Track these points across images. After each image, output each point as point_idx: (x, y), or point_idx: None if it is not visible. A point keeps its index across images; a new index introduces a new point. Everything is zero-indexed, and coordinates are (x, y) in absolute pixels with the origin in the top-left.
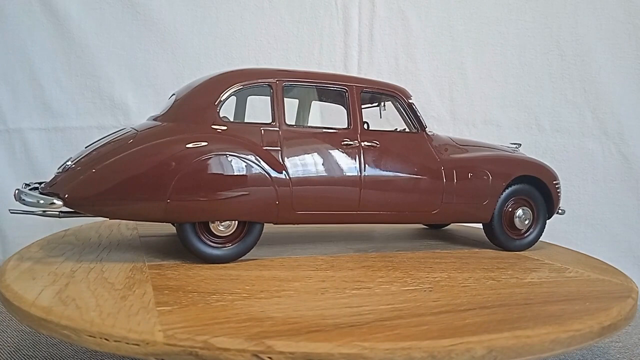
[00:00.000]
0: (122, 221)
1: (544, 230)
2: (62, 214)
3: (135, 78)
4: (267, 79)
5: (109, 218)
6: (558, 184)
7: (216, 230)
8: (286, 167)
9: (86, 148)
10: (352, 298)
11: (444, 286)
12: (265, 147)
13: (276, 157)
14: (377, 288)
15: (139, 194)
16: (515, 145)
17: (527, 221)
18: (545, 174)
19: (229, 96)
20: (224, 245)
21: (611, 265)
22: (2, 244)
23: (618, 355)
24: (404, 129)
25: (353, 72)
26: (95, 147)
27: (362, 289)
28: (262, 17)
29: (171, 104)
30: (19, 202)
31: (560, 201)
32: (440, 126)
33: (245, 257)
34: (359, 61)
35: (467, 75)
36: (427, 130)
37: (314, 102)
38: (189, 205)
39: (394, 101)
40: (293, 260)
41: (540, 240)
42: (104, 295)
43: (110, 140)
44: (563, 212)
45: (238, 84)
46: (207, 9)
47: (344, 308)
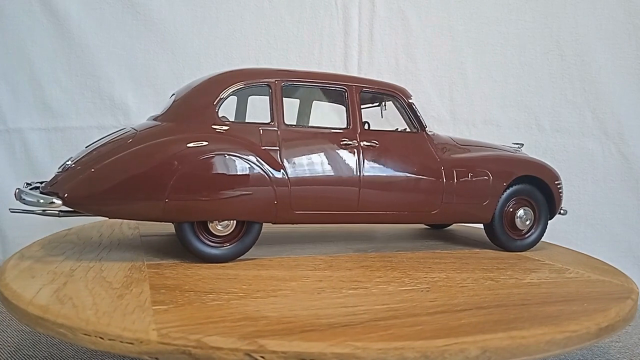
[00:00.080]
0: (124, 220)
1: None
2: (62, 213)
3: (135, 78)
4: (266, 78)
5: (108, 217)
6: (560, 184)
7: (214, 230)
8: (285, 167)
9: (86, 148)
10: (348, 298)
11: (441, 286)
12: (264, 147)
13: (275, 157)
14: (374, 288)
15: (138, 193)
16: (517, 145)
17: (529, 221)
18: (547, 174)
19: (227, 96)
20: (223, 244)
21: (612, 266)
22: (2, 244)
23: (618, 355)
24: (404, 129)
25: (353, 72)
26: (95, 146)
27: (359, 289)
28: (262, 17)
29: (170, 104)
30: (19, 201)
31: (562, 201)
32: (440, 126)
33: (244, 257)
34: (359, 61)
35: (467, 75)
36: (427, 130)
37: (315, 102)
38: (187, 205)
39: (394, 101)
40: (292, 260)
41: (542, 241)
42: (101, 294)
43: (110, 140)
44: (565, 212)
45: (237, 84)
46: (207, 9)
47: (339, 308)
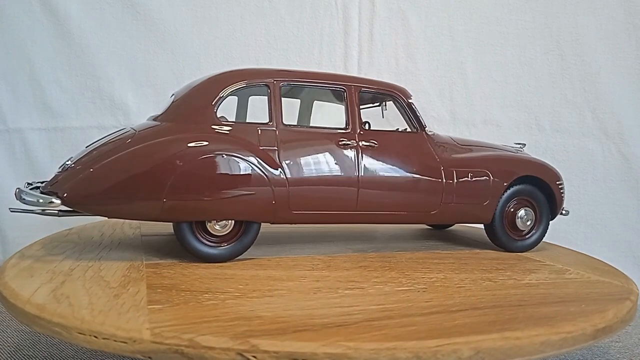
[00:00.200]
0: (127, 220)
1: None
2: (61, 213)
3: (135, 78)
4: (265, 79)
5: (107, 217)
6: (561, 185)
7: (212, 230)
8: (283, 167)
9: (86, 148)
10: (344, 298)
11: (438, 287)
12: (262, 147)
13: (273, 156)
14: (371, 288)
15: (136, 193)
16: (519, 146)
17: (530, 222)
18: (548, 174)
19: (226, 96)
20: (221, 244)
21: (613, 267)
22: (2, 244)
23: (618, 355)
24: (405, 129)
25: (353, 72)
26: (94, 146)
27: (355, 289)
28: (262, 17)
29: (170, 104)
30: (19, 200)
31: (564, 202)
32: (440, 126)
33: (243, 256)
34: (359, 61)
35: (467, 75)
36: (427, 130)
37: (317, 102)
38: (185, 205)
39: (394, 101)
40: (291, 259)
41: (544, 241)
42: (98, 293)
43: (110, 140)
44: (567, 212)
45: (235, 84)
46: (207, 9)
47: (334, 308)
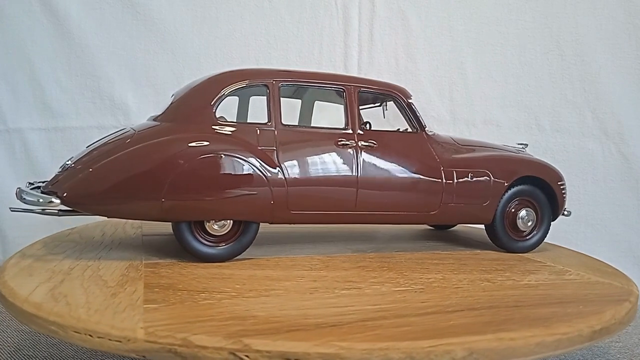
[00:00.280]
0: (128, 220)
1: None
2: (61, 212)
3: (135, 78)
4: (264, 79)
5: (107, 217)
6: (563, 185)
7: (211, 229)
8: (281, 167)
9: (87, 148)
10: (340, 298)
11: (436, 287)
12: (261, 147)
13: (271, 157)
14: (368, 288)
15: (135, 193)
16: (521, 146)
17: (531, 222)
18: (550, 174)
19: (225, 96)
20: (219, 244)
21: (615, 268)
22: (2, 244)
23: (618, 355)
24: (405, 129)
25: (353, 72)
26: (94, 146)
27: (352, 289)
28: (262, 17)
29: (169, 104)
30: (20, 200)
31: (566, 202)
32: (440, 126)
33: (241, 256)
34: (359, 61)
35: (467, 75)
36: (427, 130)
37: (318, 102)
38: (183, 205)
39: (393, 101)
40: (289, 259)
41: (546, 242)
42: (95, 292)
43: (109, 140)
44: (569, 213)
45: (234, 84)
46: (207, 9)
47: (329, 308)
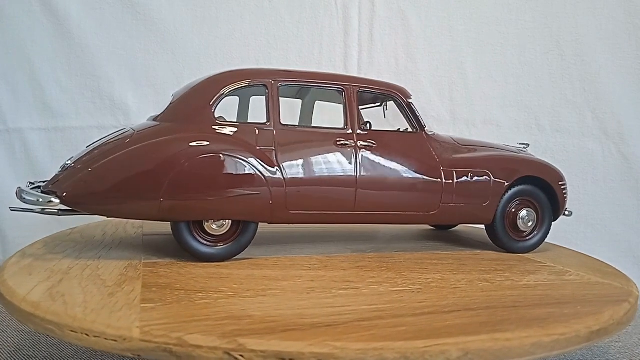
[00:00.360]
0: (130, 220)
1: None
2: (61, 212)
3: (135, 78)
4: (263, 79)
5: (106, 216)
6: (564, 185)
7: (210, 229)
8: (280, 167)
9: (87, 147)
10: (337, 298)
11: (433, 287)
12: (260, 147)
13: (270, 157)
14: (365, 288)
15: (134, 193)
16: (522, 146)
17: (531, 223)
18: (550, 174)
19: (224, 96)
20: (218, 244)
21: (615, 269)
22: (2, 244)
23: (618, 355)
24: (406, 129)
25: (353, 72)
26: (94, 146)
27: (350, 289)
28: (262, 17)
29: (168, 104)
30: (20, 200)
31: (567, 202)
32: (440, 126)
33: (240, 256)
34: (359, 61)
35: (467, 75)
36: (426, 130)
37: (317, 102)
38: (182, 205)
39: (393, 101)
40: (288, 259)
41: (547, 242)
42: (93, 291)
43: (109, 140)
44: (570, 213)
45: (233, 84)
46: (207, 9)
47: (325, 308)
